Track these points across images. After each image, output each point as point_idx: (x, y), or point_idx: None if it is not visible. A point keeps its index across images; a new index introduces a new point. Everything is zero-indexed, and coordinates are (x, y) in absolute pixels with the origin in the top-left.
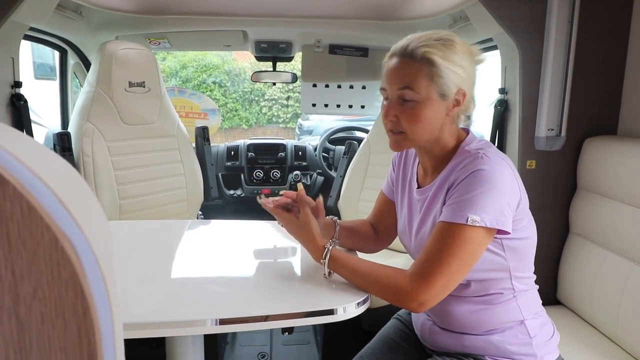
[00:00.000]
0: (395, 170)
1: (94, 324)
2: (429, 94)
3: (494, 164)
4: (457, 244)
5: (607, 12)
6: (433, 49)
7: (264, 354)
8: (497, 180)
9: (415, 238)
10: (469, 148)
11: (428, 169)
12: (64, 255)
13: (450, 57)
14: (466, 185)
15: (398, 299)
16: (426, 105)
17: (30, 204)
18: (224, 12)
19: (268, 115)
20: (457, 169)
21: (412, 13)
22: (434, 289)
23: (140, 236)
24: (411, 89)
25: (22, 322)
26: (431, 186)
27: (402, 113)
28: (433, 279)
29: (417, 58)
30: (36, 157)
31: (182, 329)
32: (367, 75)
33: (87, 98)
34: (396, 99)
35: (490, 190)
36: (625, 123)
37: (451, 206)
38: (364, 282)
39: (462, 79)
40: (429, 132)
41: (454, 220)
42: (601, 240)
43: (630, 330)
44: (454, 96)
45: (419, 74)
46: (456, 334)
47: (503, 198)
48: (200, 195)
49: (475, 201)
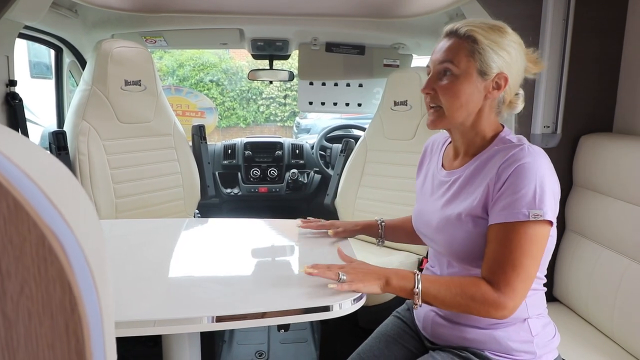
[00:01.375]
0: (422, 158)
1: (82, 321)
2: (468, 68)
3: (538, 156)
4: (526, 241)
5: (602, 9)
6: (478, 28)
7: (261, 352)
8: (545, 172)
9: (438, 218)
10: (510, 138)
11: (460, 150)
12: (51, 252)
13: (495, 39)
14: (517, 181)
15: (489, 312)
16: (464, 80)
17: (17, 200)
18: (220, 10)
19: (266, 114)
20: (499, 157)
21: (409, 10)
22: (519, 293)
23: (137, 235)
24: (451, 62)
25: (9, 319)
26: (464, 169)
27: (439, 86)
28: (515, 284)
29: (461, 35)
30: (23, 153)
31: (178, 327)
32: (364, 73)
33: (82, 97)
34: (436, 74)
35: (542, 182)
36: (621, 120)
37: (507, 205)
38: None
39: (505, 63)
40: (464, 109)
41: (515, 219)
42: (597, 237)
43: (626, 326)
44: (494, 77)
45: (460, 49)
46: (460, 326)
47: (553, 190)
48: (197, 193)
49: (532, 195)
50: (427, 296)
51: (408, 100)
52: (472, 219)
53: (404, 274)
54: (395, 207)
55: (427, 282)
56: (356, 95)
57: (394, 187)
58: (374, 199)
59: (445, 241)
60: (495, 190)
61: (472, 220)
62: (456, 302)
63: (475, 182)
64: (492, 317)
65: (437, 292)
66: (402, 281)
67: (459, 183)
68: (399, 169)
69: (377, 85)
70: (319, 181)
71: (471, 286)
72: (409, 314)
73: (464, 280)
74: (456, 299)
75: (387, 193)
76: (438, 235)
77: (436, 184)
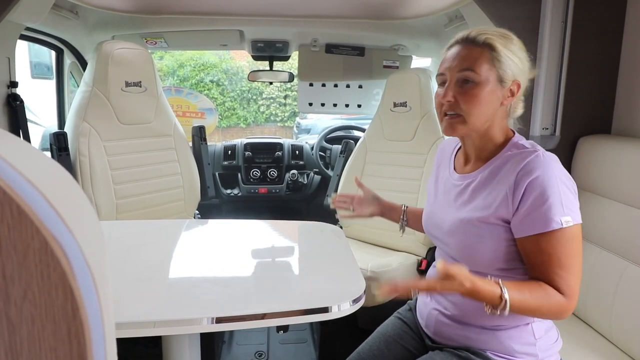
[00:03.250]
0: (437, 160)
1: (83, 325)
2: (489, 77)
3: (553, 162)
4: (567, 245)
5: (601, 11)
6: (494, 36)
7: (261, 352)
8: (562, 176)
9: (451, 221)
10: (523, 143)
11: (471, 156)
12: (53, 257)
13: (509, 46)
14: (541, 192)
15: (559, 314)
16: (485, 88)
17: (20, 207)
18: (221, 11)
19: (266, 114)
20: (515, 163)
21: (408, 12)
22: (577, 291)
23: (137, 236)
24: (472, 70)
25: (13, 323)
26: (477, 173)
27: (461, 94)
28: (573, 284)
29: (480, 43)
30: (26, 159)
31: (178, 328)
32: (364, 74)
33: (83, 98)
34: (455, 82)
35: (564, 187)
36: (619, 122)
37: (538, 217)
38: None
39: (519, 69)
40: (484, 116)
41: (550, 228)
42: (595, 239)
43: (624, 328)
44: (509, 85)
45: (480, 57)
46: (463, 325)
47: (574, 190)
48: (197, 194)
49: (559, 203)
50: (514, 302)
51: (407, 101)
52: (488, 224)
53: (486, 279)
54: None
55: (512, 289)
56: (356, 96)
57: (393, 188)
58: None
59: (458, 244)
60: (515, 201)
61: (487, 225)
62: (540, 305)
63: (490, 188)
64: (560, 318)
65: (522, 297)
66: (487, 285)
67: (473, 187)
68: (398, 170)
69: (376, 86)
70: (318, 182)
71: (548, 289)
72: (410, 314)
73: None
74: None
75: (386, 194)
76: (450, 238)
77: (448, 187)
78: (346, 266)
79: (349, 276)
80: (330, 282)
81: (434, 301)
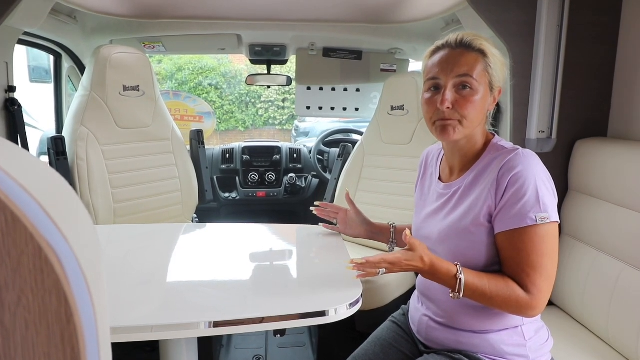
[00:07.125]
0: (420, 172)
1: (77, 331)
2: (483, 83)
3: (532, 159)
4: (539, 243)
5: (597, 15)
6: (486, 42)
7: (259, 356)
8: (541, 174)
9: (439, 230)
10: (503, 144)
11: (455, 167)
12: (47, 263)
13: (495, 53)
14: (519, 188)
15: (521, 311)
16: (481, 93)
17: (15, 214)
18: (218, 16)
19: (264, 117)
20: (497, 164)
21: (405, 16)
22: (544, 291)
23: (135, 240)
24: (471, 76)
25: (7, 329)
26: (462, 180)
27: (460, 99)
28: (539, 283)
29: (475, 49)
30: (20, 166)
31: (176, 332)
32: (361, 78)
33: (81, 102)
34: (452, 86)
35: (542, 185)
36: (615, 125)
37: (514, 212)
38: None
39: (503, 77)
40: (478, 120)
41: (525, 224)
42: (592, 241)
43: (621, 330)
44: (496, 91)
45: (477, 63)
46: (453, 330)
47: (552, 189)
48: (195, 198)
49: (535, 199)
50: (468, 285)
51: (405, 104)
52: (476, 228)
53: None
54: (392, 211)
55: (469, 273)
56: (353, 99)
57: (391, 191)
58: (372, 203)
59: (448, 252)
60: (497, 197)
61: (476, 229)
62: (495, 296)
63: (475, 192)
64: (524, 316)
65: (480, 283)
66: (445, 264)
67: (459, 194)
68: (396, 173)
69: (374, 89)
70: (316, 185)
71: (510, 283)
72: (404, 318)
73: (503, 277)
74: (498, 293)
75: (384, 197)
76: (439, 247)
77: (435, 197)
78: (343, 270)
79: (346, 280)
80: (327, 285)
81: (424, 307)
